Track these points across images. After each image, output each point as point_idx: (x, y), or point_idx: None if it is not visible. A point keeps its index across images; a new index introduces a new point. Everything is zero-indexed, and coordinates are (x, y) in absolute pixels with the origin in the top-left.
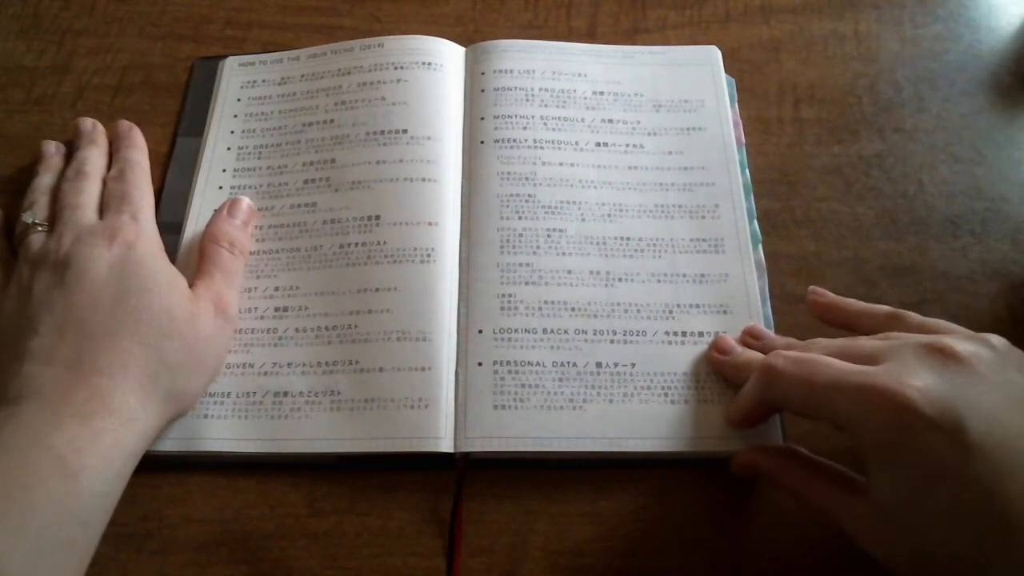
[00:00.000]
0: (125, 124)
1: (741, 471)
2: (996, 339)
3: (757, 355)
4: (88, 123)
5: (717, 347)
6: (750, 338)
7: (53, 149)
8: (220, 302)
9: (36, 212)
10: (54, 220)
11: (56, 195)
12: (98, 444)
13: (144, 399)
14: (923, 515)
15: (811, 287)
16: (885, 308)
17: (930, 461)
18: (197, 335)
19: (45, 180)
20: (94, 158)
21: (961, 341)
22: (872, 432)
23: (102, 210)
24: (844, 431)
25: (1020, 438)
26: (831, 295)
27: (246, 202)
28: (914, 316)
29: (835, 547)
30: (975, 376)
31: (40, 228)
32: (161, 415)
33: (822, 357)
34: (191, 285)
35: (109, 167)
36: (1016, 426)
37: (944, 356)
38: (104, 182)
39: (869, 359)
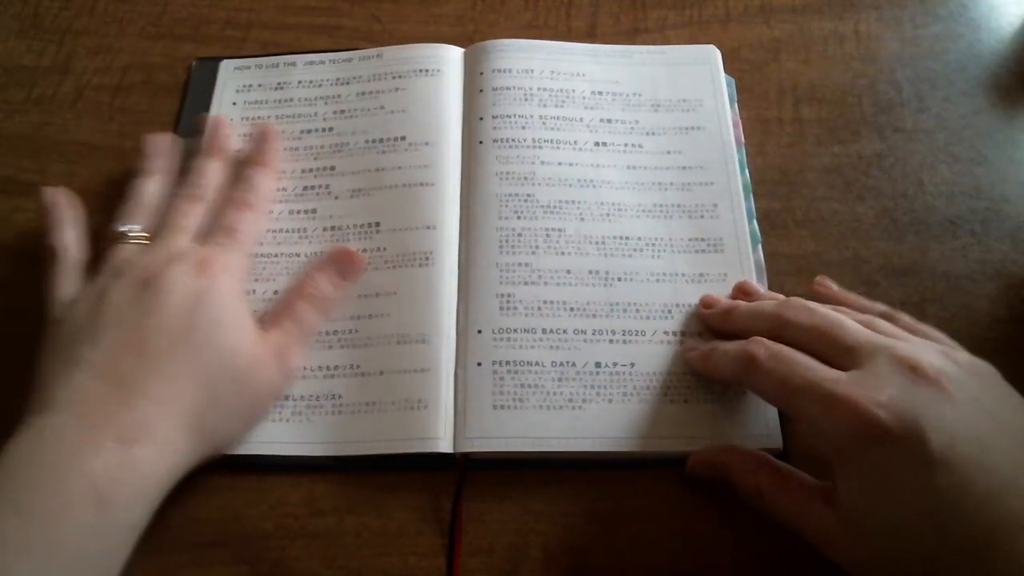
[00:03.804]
0: (263, 131)
1: (701, 469)
2: (964, 357)
3: (740, 304)
4: (216, 126)
5: (703, 303)
6: (741, 294)
7: (163, 149)
8: (284, 353)
9: (134, 223)
10: (150, 233)
11: (160, 205)
12: (135, 474)
13: (187, 432)
14: (884, 524)
15: (819, 277)
16: (881, 307)
17: (892, 472)
18: (252, 380)
19: (149, 190)
20: (212, 177)
21: (933, 358)
22: (837, 440)
23: (206, 231)
24: (812, 434)
25: (979, 453)
26: (835, 289)
27: (358, 259)
28: (909, 323)
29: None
30: (942, 393)
31: (133, 240)
32: (198, 452)
33: (799, 357)
34: (263, 326)
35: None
36: (976, 442)
37: (914, 373)
38: (220, 199)
39: (847, 355)
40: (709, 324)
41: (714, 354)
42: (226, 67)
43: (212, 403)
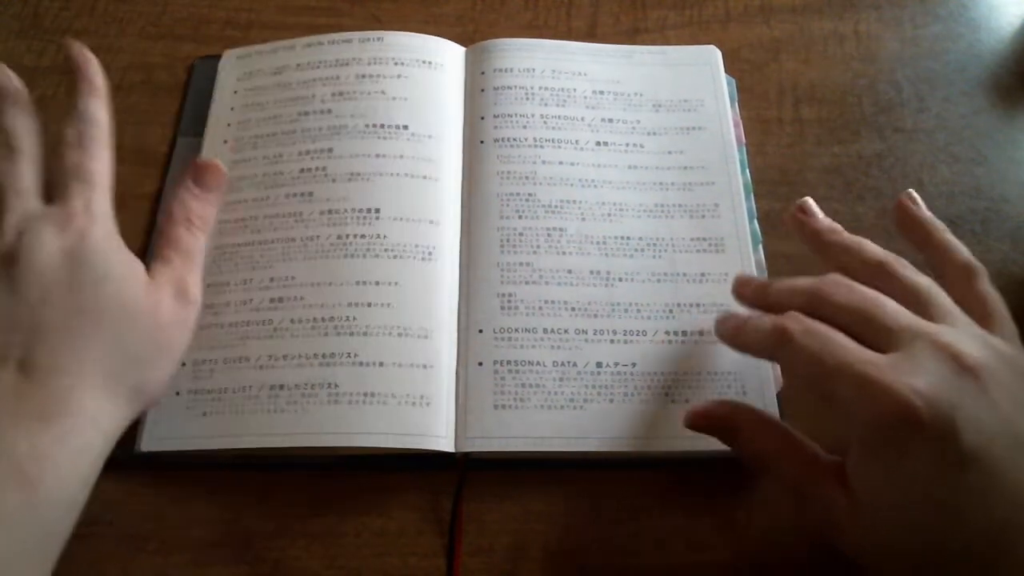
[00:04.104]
0: (77, 50)
1: (702, 423)
2: (1008, 349)
3: (777, 280)
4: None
5: (738, 283)
6: (802, 213)
7: None
8: (181, 286)
9: None
10: None
11: None
12: (62, 448)
13: (107, 396)
14: (901, 513)
15: (907, 192)
16: (964, 258)
17: (918, 462)
18: (158, 324)
19: None
20: (23, 128)
21: (975, 349)
22: (865, 424)
23: (49, 184)
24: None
25: (1010, 450)
26: (924, 211)
27: (212, 165)
28: (982, 285)
29: (834, 547)
30: (979, 386)
31: None
32: (126, 411)
33: (835, 335)
34: (148, 269)
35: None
36: (1008, 438)
37: (955, 362)
38: (58, 142)
39: (885, 337)
40: (743, 302)
41: (747, 326)
42: (228, 57)
43: (126, 361)
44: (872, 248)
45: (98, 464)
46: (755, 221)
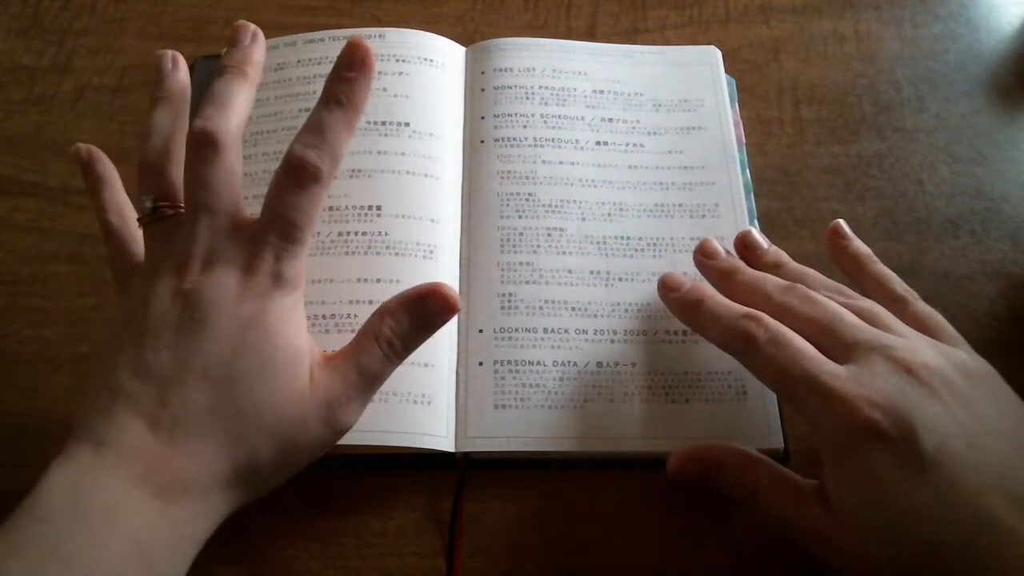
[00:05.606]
0: (355, 51)
1: (688, 466)
2: (960, 356)
3: (742, 270)
4: (247, 32)
5: (703, 250)
6: (743, 248)
7: (176, 74)
8: (336, 412)
9: (154, 188)
10: (174, 201)
11: (178, 150)
12: (175, 532)
13: (227, 495)
14: (876, 521)
15: (837, 222)
16: (896, 288)
17: (884, 471)
18: (295, 444)
19: (161, 125)
20: (241, 104)
21: (929, 359)
22: (832, 435)
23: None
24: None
25: (968, 452)
26: (854, 243)
27: (453, 301)
28: (917, 307)
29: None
30: (934, 395)
31: (165, 211)
32: (235, 505)
33: (799, 344)
34: (327, 360)
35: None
36: (965, 441)
37: (909, 374)
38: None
39: (844, 350)
40: (704, 275)
41: (703, 309)
42: None
43: (252, 468)
44: (815, 275)
45: (201, 546)
46: (755, 221)
